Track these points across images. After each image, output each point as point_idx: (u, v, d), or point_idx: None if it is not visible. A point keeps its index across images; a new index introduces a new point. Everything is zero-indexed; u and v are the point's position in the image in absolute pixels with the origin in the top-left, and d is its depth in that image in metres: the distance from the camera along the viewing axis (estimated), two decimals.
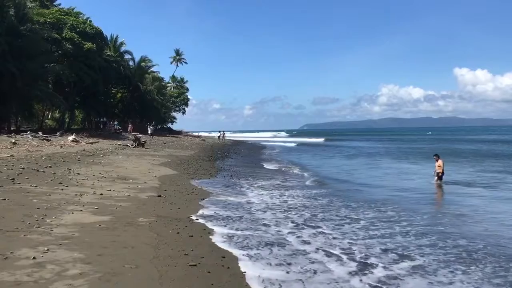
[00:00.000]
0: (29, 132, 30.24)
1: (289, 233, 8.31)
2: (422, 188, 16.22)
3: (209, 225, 8.36)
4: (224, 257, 6.17)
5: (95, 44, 38.68)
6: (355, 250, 7.26)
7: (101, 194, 10.46)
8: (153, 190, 12.06)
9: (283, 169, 23.93)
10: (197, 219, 8.70)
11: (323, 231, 8.59)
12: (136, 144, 31.61)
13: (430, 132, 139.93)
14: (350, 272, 6.11)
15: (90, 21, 41.45)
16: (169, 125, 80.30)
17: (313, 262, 6.49)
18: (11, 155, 16.82)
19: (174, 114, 79.91)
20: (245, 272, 5.71)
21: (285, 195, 13.46)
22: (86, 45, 37.31)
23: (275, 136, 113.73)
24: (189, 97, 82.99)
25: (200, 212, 9.60)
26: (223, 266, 5.81)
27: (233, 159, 30.77)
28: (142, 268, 5.42)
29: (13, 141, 22.56)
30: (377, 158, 33.73)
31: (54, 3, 43.78)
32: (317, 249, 7.24)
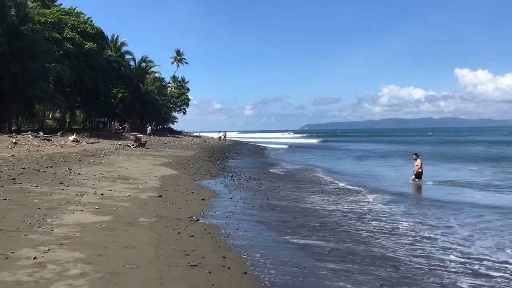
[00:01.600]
0: (30, 132, 30.30)
1: (408, 249, 7.35)
2: (465, 191, 15.61)
3: (214, 224, 8.35)
4: (224, 257, 6.15)
5: (96, 44, 38.75)
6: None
7: (102, 194, 10.47)
8: (154, 190, 12.07)
9: (301, 171, 22.80)
10: (197, 219, 8.67)
11: (445, 245, 7.73)
12: (137, 144, 31.63)
13: (430, 133, 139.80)
14: None
15: (91, 21, 41.56)
16: (170, 125, 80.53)
17: None
18: (12, 155, 16.83)
19: (175, 114, 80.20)
20: (245, 273, 5.69)
21: (333, 200, 12.70)
22: (87, 45, 37.39)
23: (276, 137, 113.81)
24: (190, 97, 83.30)
25: (202, 212, 9.58)
26: (223, 266, 5.79)
27: (235, 159, 30.74)
28: (143, 268, 5.42)
29: (14, 141, 22.58)
30: (390, 159, 32.59)
31: (55, 3, 43.85)
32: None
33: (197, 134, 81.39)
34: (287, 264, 6.23)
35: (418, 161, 17.70)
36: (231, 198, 11.99)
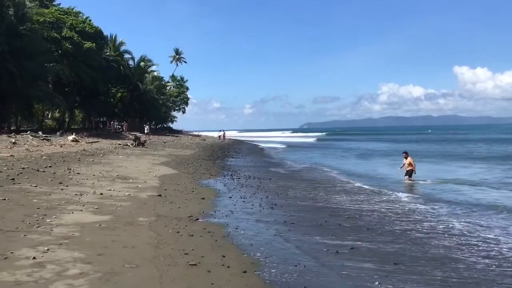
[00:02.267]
0: (29, 132, 30.26)
1: (476, 250, 7.05)
2: (488, 190, 15.11)
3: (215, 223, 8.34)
4: (224, 256, 6.14)
5: (95, 44, 38.69)
6: None
7: (101, 194, 10.47)
8: (153, 189, 12.07)
9: (309, 170, 22.33)
10: (197, 218, 8.66)
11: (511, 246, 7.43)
12: (136, 143, 31.62)
13: (430, 131, 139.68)
14: None
15: (90, 21, 41.46)
16: (170, 124, 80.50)
17: None
18: (11, 155, 16.82)
19: (174, 113, 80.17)
20: (245, 271, 5.67)
21: (363, 199, 12.26)
22: (85, 45, 37.32)
23: (275, 136, 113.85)
24: (189, 96, 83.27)
25: (202, 211, 9.56)
26: (223, 265, 5.78)
27: (235, 158, 30.72)
28: (142, 267, 5.41)
29: (13, 141, 22.55)
30: (393, 157, 31.52)
31: (54, 3, 43.75)
32: None
33: (196, 133, 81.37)
34: (288, 263, 6.18)
35: (410, 159, 17.46)
36: (230, 197, 11.97)
